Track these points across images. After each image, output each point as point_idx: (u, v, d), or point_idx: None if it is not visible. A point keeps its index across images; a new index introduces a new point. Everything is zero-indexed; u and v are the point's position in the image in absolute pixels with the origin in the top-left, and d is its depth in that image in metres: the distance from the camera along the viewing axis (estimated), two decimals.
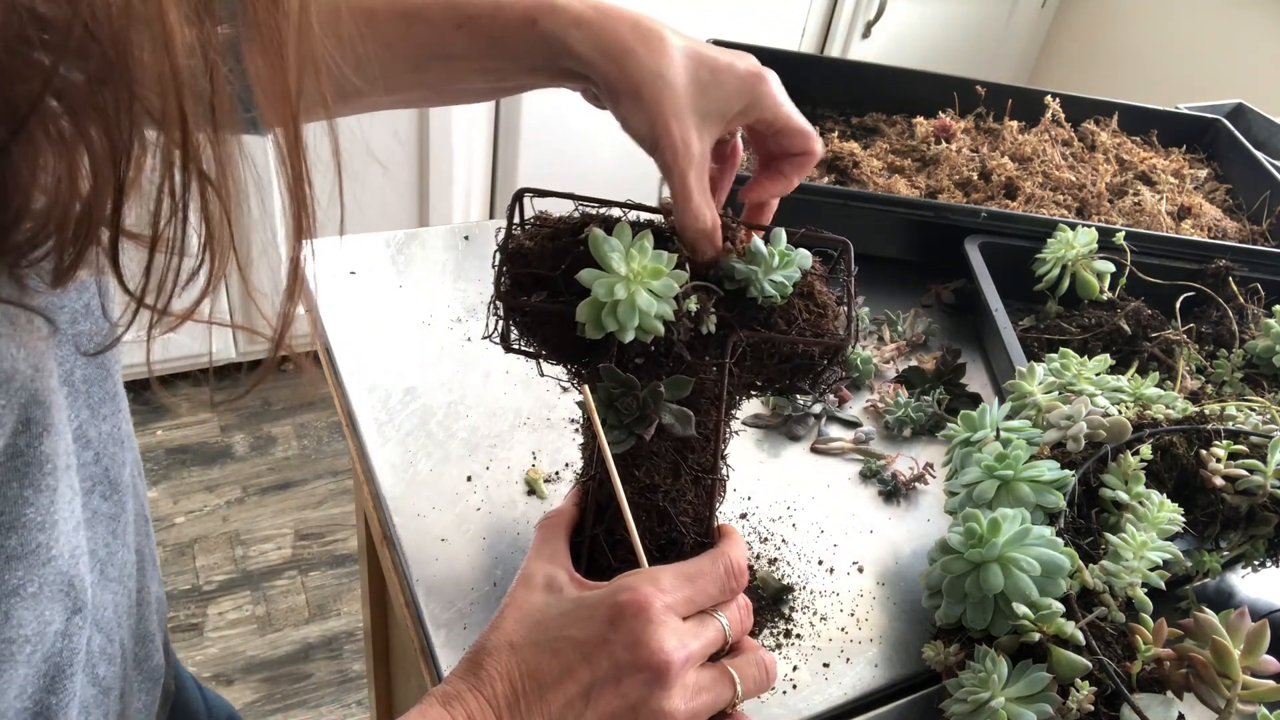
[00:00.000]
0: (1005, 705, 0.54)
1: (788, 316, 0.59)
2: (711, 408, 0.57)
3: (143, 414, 2.09)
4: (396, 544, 0.66)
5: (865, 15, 2.25)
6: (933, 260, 0.99)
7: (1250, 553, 0.68)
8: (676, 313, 0.56)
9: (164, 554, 1.85)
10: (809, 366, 0.61)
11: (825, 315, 0.60)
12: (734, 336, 0.58)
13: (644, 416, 0.55)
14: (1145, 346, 0.86)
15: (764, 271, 0.58)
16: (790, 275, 0.58)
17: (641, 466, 0.55)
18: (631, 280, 0.54)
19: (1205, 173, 1.15)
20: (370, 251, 0.91)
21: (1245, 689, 0.54)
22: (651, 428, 0.54)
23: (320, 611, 1.82)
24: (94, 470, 0.45)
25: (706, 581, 0.49)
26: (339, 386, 0.78)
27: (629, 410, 0.55)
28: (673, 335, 0.56)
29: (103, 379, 0.45)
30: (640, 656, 0.45)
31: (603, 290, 0.54)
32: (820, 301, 0.60)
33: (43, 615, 0.38)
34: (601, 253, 0.55)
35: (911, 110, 1.16)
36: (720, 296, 0.58)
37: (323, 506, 1.99)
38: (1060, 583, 0.58)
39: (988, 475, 0.65)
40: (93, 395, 0.44)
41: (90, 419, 0.44)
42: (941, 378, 0.85)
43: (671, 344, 0.56)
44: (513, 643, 0.47)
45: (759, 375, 0.61)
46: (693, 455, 0.56)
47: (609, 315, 0.54)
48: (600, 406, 0.55)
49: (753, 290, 0.58)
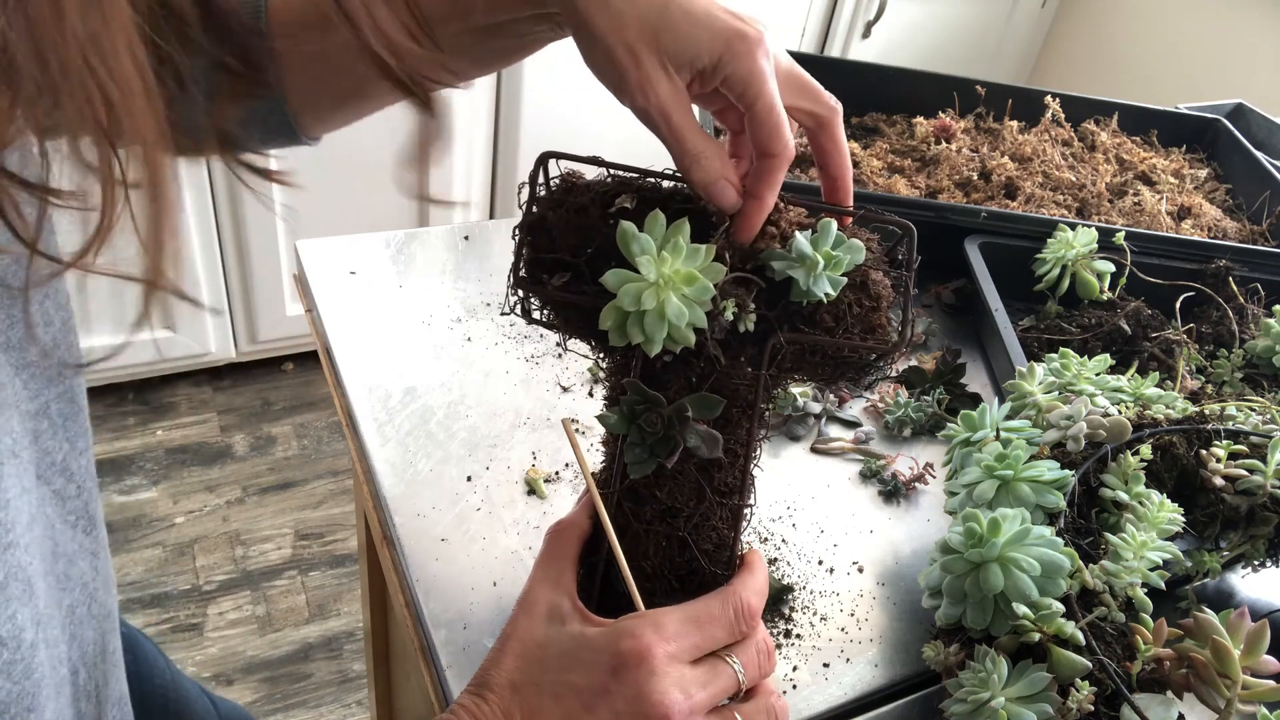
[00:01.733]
0: (1005, 705, 0.54)
1: (836, 312, 0.52)
2: (743, 418, 0.52)
3: (143, 414, 2.09)
4: (396, 544, 0.66)
5: (865, 15, 2.25)
6: (933, 260, 0.99)
7: (1250, 553, 0.68)
8: (711, 314, 0.49)
9: (164, 554, 1.85)
10: (855, 365, 0.55)
11: (879, 308, 0.53)
12: (774, 339, 0.51)
13: (668, 438, 0.50)
14: (1145, 346, 0.86)
15: (808, 274, 0.50)
16: (837, 279, 0.51)
17: (664, 487, 0.51)
18: (662, 287, 0.48)
19: (1205, 173, 1.15)
20: (370, 251, 0.91)
21: (1245, 689, 0.54)
22: (675, 455, 0.50)
23: (320, 611, 1.82)
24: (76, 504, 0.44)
25: (715, 626, 0.47)
26: (339, 386, 0.78)
27: (653, 428, 0.50)
28: (705, 334, 0.50)
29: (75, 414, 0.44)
30: (642, 710, 0.44)
31: (629, 299, 0.48)
32: (874, 294, 0.53)
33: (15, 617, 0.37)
34: (630, 251, 0.49)
35: (911, 110, 1.16)
36: (761, 288, 0.51)
37: (323, 506, 1.99)
38: (1060, 583, 0.58)
39: (988, 475, 0.65)
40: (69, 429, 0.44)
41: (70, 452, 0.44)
42: (941, 378, 0.85)
43: (704, 344, 0.50)
44: (515, 683, 0.46)
45: (798, 371, 0.55)
46: (720, 474, 0.52)
47: (634, 325, 0.49)
48: (622, 421, 0.51)
49: (796, 295, 0.51)
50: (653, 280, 0.48)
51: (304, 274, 0.88)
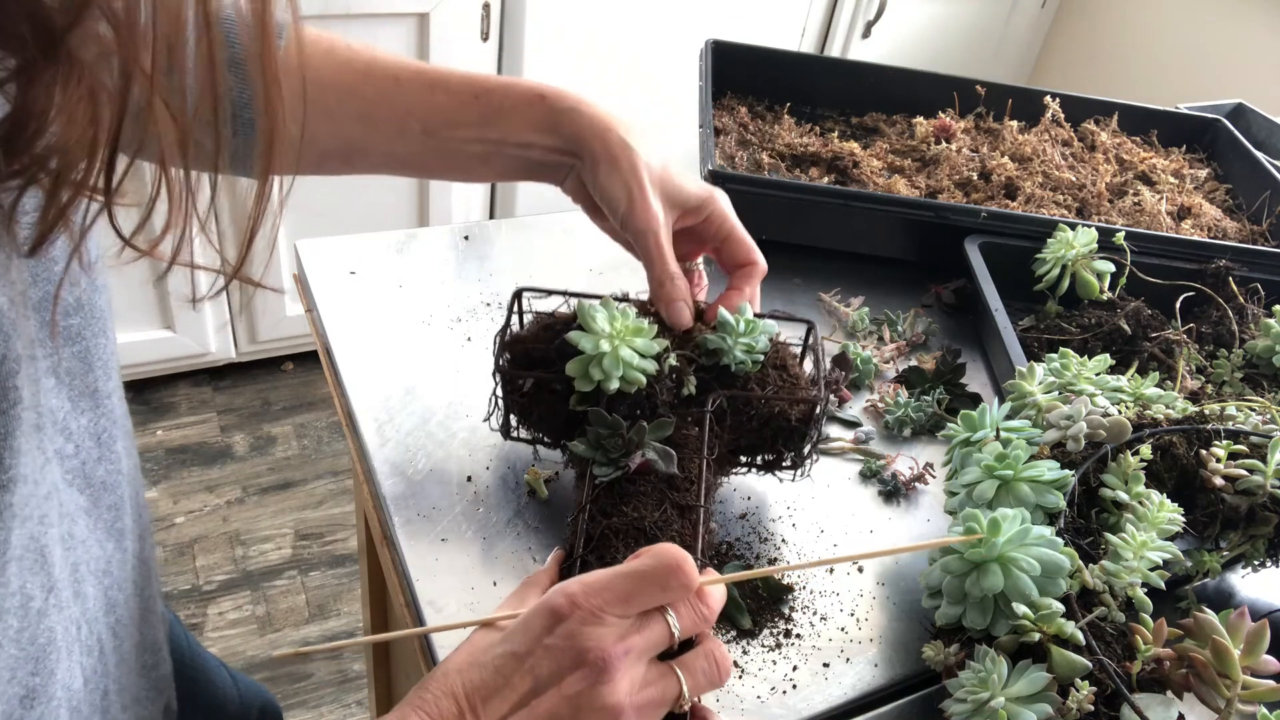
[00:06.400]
0: (1005, 705, 0.54)
1: (762, 382, 0.66)
2: (695, 455, 0.62)
3: (143, 414, 2.09)
4: (396, 544, 0.66)
5: (865, 15, 2.25)
6: (933, 260, 0.99)
7: (1250, 553, 0.68)
8: (659, 373, 0.64)
9: (164, 554, 1.85)
10: (789, 430, 0.67)
11: (799, 385, 0.67)
12: (713, 394, 0.65)
13: (629, 451, 0.60)
14: (1145, 346, 0.86)
15: (733, 338, 0.65)
16: (758, 341, 0.66)
17: (630, 503, 0.59)
18: (615, 337, 0.63)
19: (1205, 173, 1.15)
20: (370, 251, 0.91)
21: (1245, 689, 0.54)
22: (635, 457, 0.60)
23: (320, 611, 1.82)
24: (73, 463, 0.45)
25: (646, 580, 0.48)
26: (339, 386, 0.78)
27: (615, 449, 0.61)
28: (656, 396, 0.63)
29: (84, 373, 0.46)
30: (577, 654, 0.45)
31: (589, 345, 0.62)
32: (793, 373, 0.68)
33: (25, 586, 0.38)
34: (587, 318, 0.63)
35: (911, 110, 1.16)
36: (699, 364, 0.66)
37: (323, 506, 1.99)
38: (1060, 583, 0.58)
39: (988, 475, 0.65)
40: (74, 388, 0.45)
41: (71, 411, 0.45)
42: (941, 378, 0.85)
43: (656, 406, 0.63)
44: (457, 667, 0.47)
45: (741, 437, 0.67)
46: (677, 494, 0.60)
47: (595, 366, 0.62)
48: (589, 448, 0.62)
49: (726, 358, 0.65)
50: (608, 332, 0.63)
51: (304, 274, 0.88)
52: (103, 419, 0.48)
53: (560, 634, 0.46)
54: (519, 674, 0.45)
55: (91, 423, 0.46)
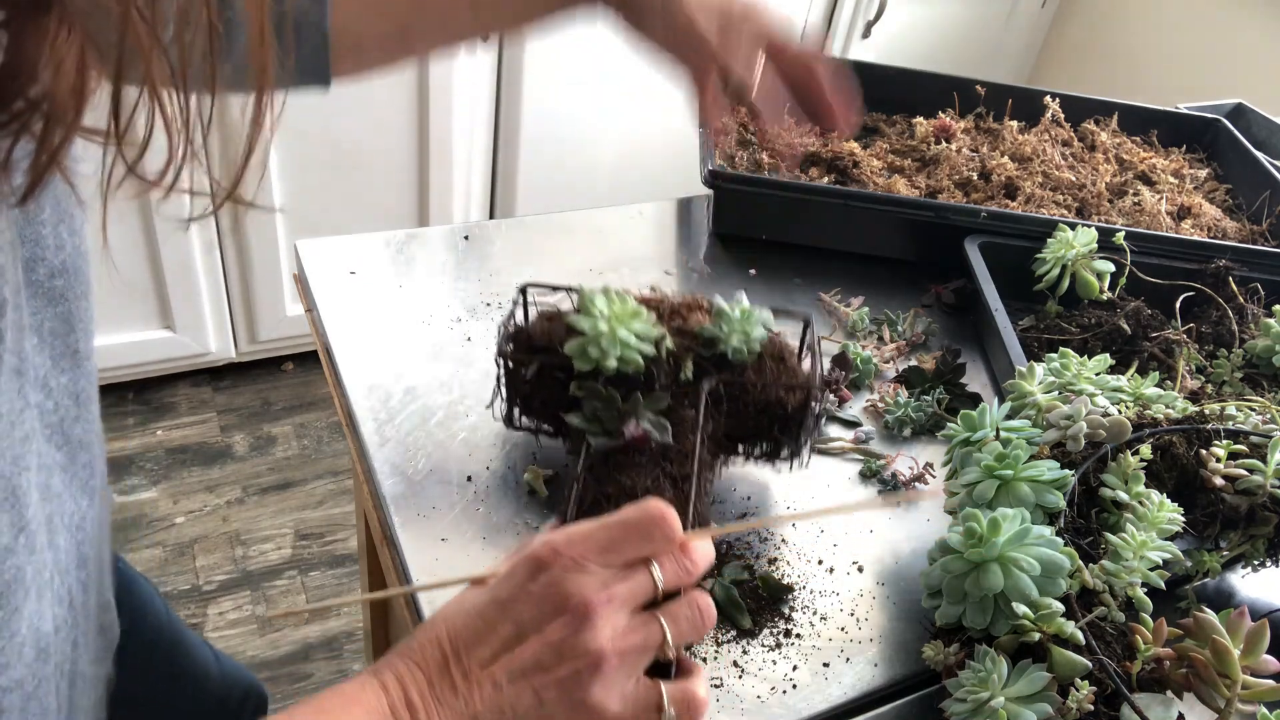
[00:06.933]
0: (1005, 705, 0.54)
1: (760, 372, 0.68)
2: (690, 432, 0.64)
3: (143, 414, 2.09)
4: (396, 544, 0.66)
5: (865, 15, 2.25)
6: (933, 260, 0.99)
7: (1250, 553, 0.68)
8: (656, 357, 0.65)
9: (164, 554, 1.85)
10: (785, 419, 0.68)
11: (796, 376, 0.68)
12: (709, 378, 0.66)
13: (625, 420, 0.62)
14: (1145, 346, 0.86)
15: (729, 327, 0.66)
16: (755, 330, 0.67)
17: (625, 472, 0.61)
18: (614, 319, 0.64)
19: (1205, 173, 1.15)
20: (370, 251, 0.91)
21: (1245, 689, 0.54)
22: (630, 425, 0.62)
23: (320, 611, 1.81)
24: (52, 419, 0.46)
25: (629, 529, 0.47)
26: (339, 386, 0.78)
27: (610, 420, 0.63)
28: (654, 379, 0.65)
29: (65, 333, 0.47)
30: (560, 600, 0.45)
31: (588, 325, 0.63)
32: (790, 364, 0.69)
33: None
34: (587, 301, 0.65)
35: (911, 110, 1.16)
36: (697, 353, 0.67)
37: (323, 506, 1.99)
38: (1060, 582, 0.58)
39: (988, 475, 0.65)
40: (55, 348, 0.46)
41: (51, 370, 0.46)
42: (941, 378, 0.85)
43: (654, 389, 0.64)
44: (443, 615, 0.47)
45: (739, 424, 0.68)
46: (671, 466, 0.62)
47: (593, 345, 0.63)
48: (584, 420, 0.63)
49: (723, 345, 0.66)
50: (607, 315, 0.64)
51: (304, 274, 0.88)
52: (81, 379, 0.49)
53: (543, 582, 0.46)
54: (502, 620, 0.46)
55: (71, 382, 0.48)
